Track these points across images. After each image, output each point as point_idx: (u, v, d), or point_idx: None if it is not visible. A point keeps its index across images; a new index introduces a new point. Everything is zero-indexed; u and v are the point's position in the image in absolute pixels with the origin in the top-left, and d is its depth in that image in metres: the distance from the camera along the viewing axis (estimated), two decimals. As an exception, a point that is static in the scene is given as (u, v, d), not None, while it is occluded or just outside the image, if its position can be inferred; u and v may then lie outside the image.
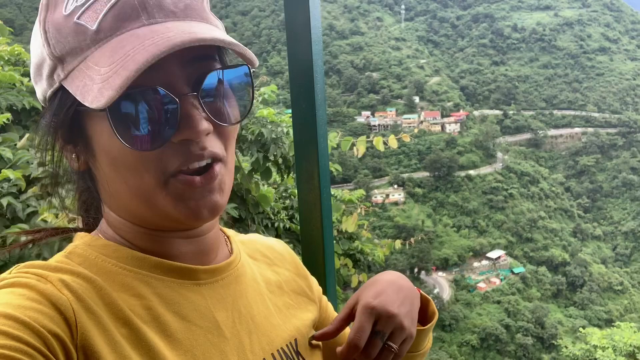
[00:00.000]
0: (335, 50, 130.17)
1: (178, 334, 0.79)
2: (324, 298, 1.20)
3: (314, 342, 1.04)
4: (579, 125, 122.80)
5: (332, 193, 5.61)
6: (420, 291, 1.14)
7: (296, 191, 4.81)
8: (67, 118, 0.78)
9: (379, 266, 5.44)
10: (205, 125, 0.75)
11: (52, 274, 0.73)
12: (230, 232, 1.05)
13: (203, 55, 0.78)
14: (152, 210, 0.79)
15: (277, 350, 0.94)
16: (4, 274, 0.74)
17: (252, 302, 0.94)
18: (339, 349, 1.00)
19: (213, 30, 0.76)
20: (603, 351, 11.80)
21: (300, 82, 1.72)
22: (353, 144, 3.80)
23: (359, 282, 4.89)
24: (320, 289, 1.20)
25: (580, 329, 15.46)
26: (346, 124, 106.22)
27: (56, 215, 2.28)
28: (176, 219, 0.79)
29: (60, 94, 0.78)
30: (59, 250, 2.14)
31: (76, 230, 0.90)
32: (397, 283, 1.07)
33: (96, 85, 0.70)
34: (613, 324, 15.12)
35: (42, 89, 0.81)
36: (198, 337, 0.81)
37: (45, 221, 2.24)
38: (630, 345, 11.77)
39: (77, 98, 0.72)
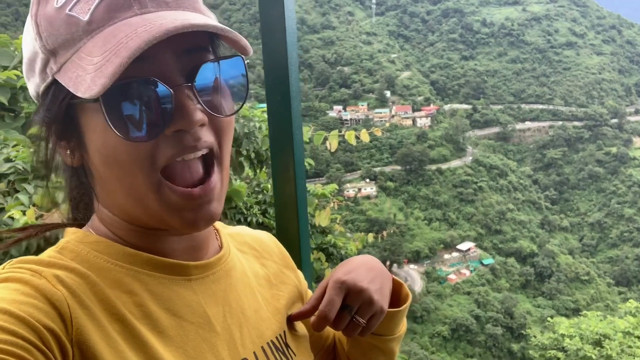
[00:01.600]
0: (307, 44, 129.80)
1: (169, 330, 0.79)
2: (309, 291, 1.21)
3: (293, 321, 1.05)
4: (546, 119, 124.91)
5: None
6: (393, 276, 1.16)
7: (269, 186, 4.80)
8: (60, 112, 0.77)
9: (351, 260, 5.45)
10: (199, 115, 0.74)
11: (46, 270, 0.73)
12: (219, 225, 1.04)
13: (197, 46, 0.78)
14: (146, 213, 0.79)
15: (267, 343, 0.95)
16: None
17: (243, 295, 0.95)
18: (311, 319, 1.02)
19: (206, 19, 0.76)
20: (570, 339, 12.05)
21: (275, 74, 1.71)
22: (325, 139, 3.80)
23: (332, 276, 4.90)
24: (306, 282, 1.21)
25: (549, 319, 15.75)
26: (318, 119, 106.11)
27: (23, 212, 2.24)
28: (171, 226, 0.79)
29: (54, 88, 0.77)
30: (27, 249, 2.11)
31: (64, 226, 0.89)
32: (369, 263, 1.10)
33: (89, 75, 0.69)
34: (580, 313, 15.46)
35: (34, 84, 0.81)
36: (189, 332, 0.81)
37: (12, 218, 2.19)
38: (597, 334, 12.06)
39: (70, 90, 0.71)
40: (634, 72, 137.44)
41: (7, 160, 2.54)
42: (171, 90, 0.73)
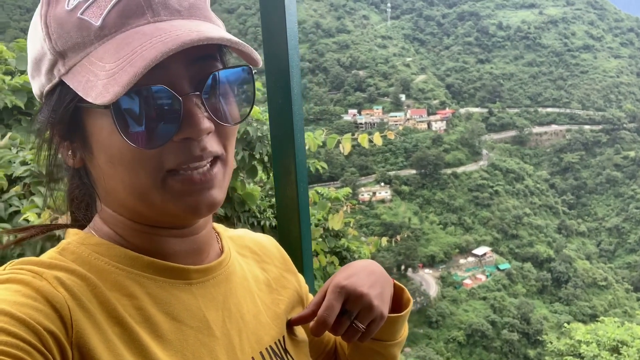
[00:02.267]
0: (322, 48, 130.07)
1: (169, 334, 0.79)
2: (310, 295, 1.20)
3: (292, 326, 1.05)
4: (563, 123, 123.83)
5: (319, 191, 5.62)
6: (395, 281, 1.16)
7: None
8: (66, 114, 0.77)
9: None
10: (207, 124, 0.75)
11: (47, 271, 0.73)
12: (220, 228, 1.05)
13: (206, 55, 0.78)
14: (149, 208, 0.79)
15: (266, 349, 0.95)
16: None
17: (242, 300, 0.95)
18: (310, 324, 1.01)
19: (218, 29, 0.76)
20: (587, 346, 11.91)
21: (276, 77, 1.71)
22: (339, 142, 3.81)
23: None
24: (307, 286, 1.21)
25: (565, 325, 15.59)
26: (333, 122, 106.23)
27: (38, 215, 2.27)
28: (174, 215, 0.79)
29: (60, 90, 0.77)
30: (42, 249, 2.13)
31: (66, 226, 0.89)
32: (369, 268, 1.10)
33: (100, 81, 0.69)
34: (597, 319, 15.27)
35: (39, 84, 0.81)
36: (188, 337, 0.82)
37: (27, 220, 2.22)
38: (614, 340, 11.91)
39: (79, 94, 0.72)
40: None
41: (23, 163, 2.57)
42: (180, 98, 0.74)
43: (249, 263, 1.07)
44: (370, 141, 3.68)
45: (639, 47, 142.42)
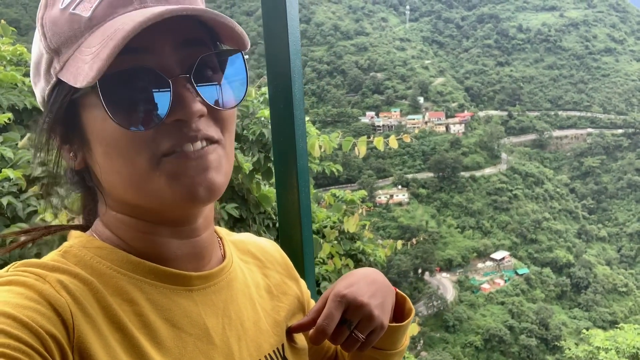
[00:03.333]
0: (340, 50, 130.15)
1: (168, 341, 0.79)
2: (312, 301, 1.20)
3: (292, 333, 1.05)
4: (584, 126, 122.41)
5: (335, 194, 5.62)
6: (397, 289, 1.15)
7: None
8: (61, 110, 0.78)
9: (380, 266, 5.45)
10: (198, 106, 0.75)
11: (50, 274, 0.73)
12: (223, 232, 1.04)
13: (196, 39, 0.79)
14: (146, 197, 0.78)
15: (265, 357, 0.95)
16: (2, 271, 0.74)
17: (242, 307, 0.95)
18: (310, 332, 1.01)
19: (203, 8, 0.75)
20: (606, 353, 11.74)
21: (277, 82, 1.71)
22: (354, 145, 3.81)
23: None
24: (309, 292, 1.20)
25: (584, 331, 15.40)
26: (350, 125, 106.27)
27: (55, 215, 2.30)
28: (171, 201, 0.78)
29: (57, 89, 0.78)
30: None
31: (71, 227, 0.89)
32: (370, 276, 1.09)
33: (87, 64, 0.70)
34: (617, 325, 15.07)
35: (40, 88, 0.82)
36: (187, 344, 0.82)
37: (44, 220, 2.25)
38: (634, 347, 11.72)
39: (71, 84, 0.73)
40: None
41: (42, 164, 2.61)
42: (169, 80, 0.74)
43: (251, 269, 1.06)
44: (386, 144, 3.67)
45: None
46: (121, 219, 0.84)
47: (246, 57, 0.85)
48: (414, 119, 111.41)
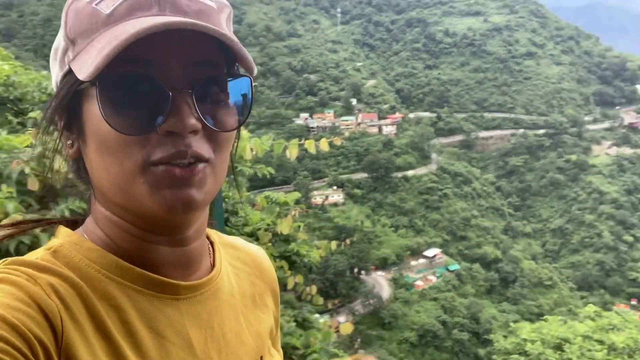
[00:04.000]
0: (273, 52, 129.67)
1: (151, 351, 0.79)
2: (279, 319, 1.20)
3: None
4: (508, 127, 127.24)
5: (268, 195, 5.57)
6: None
7: (230, 194, 4.75)
8: (66, 99, 0.79)
9: (314, 267, 5.44)
10: (192, 122, 0.75)
11: (41, 276, 0.73)
12: (215, 236, 1.04)
13: (208, 60, 0.79)
14: (128, 199, 0.78)
15: None
16: None
17: (226, 318, 0.94)
18: None
19: (217, 29, 0.75)
20: (532, 344, 12.24)
21: None
22: (285, 147, 3.78)
23: (295, 284, 4.88)
24: (279, 306, 1.20)
25: (512, 324, 15.97)
26: (285, 126, 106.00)
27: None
28: (149, 209, 0.77)
29: (68, 77, 0.79)
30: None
31: (57, 222, 0.89)
32: None
33: (90, 59, 0.72)
34: (542, 317, 15.70)
35: (54, 73, 0.84)
36: (170, 354, 0.82)
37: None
38: (557, 338, 12.29)
39: (76, 74, 0.75)
40: (591, 82, 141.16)
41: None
42: (169, 92, 0.74)
43: (239, 275, 1.06)
44: (317, 147, 3.66)
45: (578, 54, 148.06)
46: (110, 218, 0.84)
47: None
48: (347, 120, 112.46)
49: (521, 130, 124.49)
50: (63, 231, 0.85)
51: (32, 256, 0.78)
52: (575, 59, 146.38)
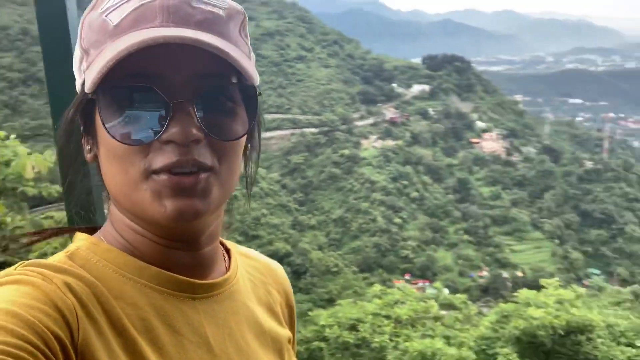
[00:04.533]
0: (33, 57, 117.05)
1: (169, 346, 0.79)
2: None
3: None
4: (287, 127, 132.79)
5: (52, 216, 5.06)
6: None
7: (7, 219, 4.20)
8: (80, 108, 0.82)
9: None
10: (193, 132, 0.75)
11: (57, 275, 0.73)
12: (231, 245, 1.05)
13: (212, 72, 0.79)
14: (132, 205, 0.79)
15: None
16: (9, 269, 0.75)
17: (244, 319, 0.95)
18: None
19: (224, 44, 0.76)
20: (330, 329, 12.91)
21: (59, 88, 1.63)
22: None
23: None
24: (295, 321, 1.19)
25: (309, 312, 16.66)
26: (54, 138, 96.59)
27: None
28: (151, 216, 0.78)
29: (84, 85, 0.80)
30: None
31: (80, 229, 0.90)
32: None
33: (96, 69, 0.73)
34: (335, 302, 16.68)
35: (77, 82, 0.86)
36: (188, 351, 0.81)
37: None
38: (351, 319, 13.19)
39: (85, 85, 0.76)
40: (356, 82, 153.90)
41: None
42: (170, 103, 0.74)
43: (254, 282, 1.06)
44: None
45: (343, 57, 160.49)
46: (125, 221, 0.85)
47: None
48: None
49: (299, 130, 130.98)
50: (80, 236, 0.86)
51: (49, 259, 0.79)
52: (340, 61, 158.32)
